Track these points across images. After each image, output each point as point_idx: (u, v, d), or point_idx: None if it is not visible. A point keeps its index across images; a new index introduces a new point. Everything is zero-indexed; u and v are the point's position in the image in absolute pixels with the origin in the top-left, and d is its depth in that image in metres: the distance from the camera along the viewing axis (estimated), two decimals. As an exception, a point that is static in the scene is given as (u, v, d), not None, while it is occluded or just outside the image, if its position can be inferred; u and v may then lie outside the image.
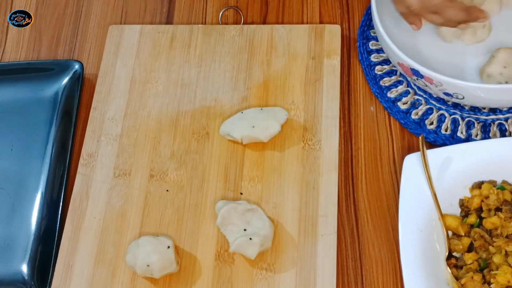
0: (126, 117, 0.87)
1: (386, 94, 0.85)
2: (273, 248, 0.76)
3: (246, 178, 0.81)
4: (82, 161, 0.85)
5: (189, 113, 0.87)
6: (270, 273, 0.75)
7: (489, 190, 0.75)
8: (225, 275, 0.76)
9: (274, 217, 0.78)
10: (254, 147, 0.83)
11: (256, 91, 0.87)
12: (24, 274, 0.79)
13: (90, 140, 0.86)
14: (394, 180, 0.81)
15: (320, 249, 0.76)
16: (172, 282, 0.76)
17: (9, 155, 0.87)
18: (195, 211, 0.80)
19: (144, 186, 0.82)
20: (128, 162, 0.84)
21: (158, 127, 0.86)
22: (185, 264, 0.77)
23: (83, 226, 0.80)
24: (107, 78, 0.90)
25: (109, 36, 0.93)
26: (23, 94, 0.91)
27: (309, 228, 0.77)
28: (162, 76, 0.90)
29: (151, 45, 0.92)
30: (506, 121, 0.82)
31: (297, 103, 0.85)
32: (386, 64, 0.87)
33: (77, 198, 0.82)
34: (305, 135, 0.83)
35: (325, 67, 0.87)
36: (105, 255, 0.78)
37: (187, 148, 0.84)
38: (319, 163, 0.81)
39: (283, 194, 0.80)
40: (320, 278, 0.74)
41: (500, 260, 0.71)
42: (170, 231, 0.79)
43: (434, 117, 0.83)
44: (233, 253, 0.77)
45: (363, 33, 0.90)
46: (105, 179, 0.83)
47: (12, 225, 0.82)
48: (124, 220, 0.80)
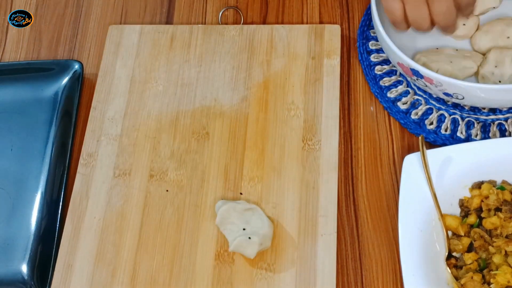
0: (126, 117, 0.87)
1: (386, 94, 0.85)
2: (272, 248, 0.76)
3: (246, 178, 0.81)
4: (82, 161, 0.85)
5: (189, 113, 0.87)
6: (270, 273, 0.75)
7: (489, 190, 0.75)
8: (225, 275, 0.76)
9: (274, 217, 0.78)
10: (253, 148, 0.83)
11: (256, 91, 0.87)
12: (24, 274, 0.79)
13: (90, 140, 0.86)
14: (394, 180, 0.81)
15: (320, 249, 0.76)
16: (172, 281, 0.76)
17: (9, 155, 0.87)
18: (195, 211, 0.80)
19: (144, 186, 0.82)
20: (128, 162, 0.84)
21: (158, 127, 0.86)
22: (184, 264, 0.77)
23: (83, 226, 0.80)
24: (107, 78, 0.90)
25: (109, 36, 0.93)
26: (23, 94, 0.91)
27: (309, 228, 0.77)
28: (162, 76, 0.90)
29: (151, 45, 0.92)
30: (506, 121, 0.82)
31: (297, 103, 0.85)
32: (386, 64, 0.87)
33: (77, 198, 0.82)
34: (305, 135, 0.83)
35: (325, 67, 0.87)
36: (105, 255, 0.78)
37: (187, 148, 0.84)
38: (319, 163, 0.81)
39: (283, 194, 0.80)
40: (320, 278, 0.74)
41: (500, 260, 0.71)
42: (170, 231, 0.79)
43: (434, 117, 0.83)
44: (233, 253, 0.77)
45: (363, 33, 0.90)
46: (105, 179, 0.83)
47: (12, 225, 0.82)
48: (124, 220, 0.80)
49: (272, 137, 0.83)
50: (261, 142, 0.83)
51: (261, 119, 0.85)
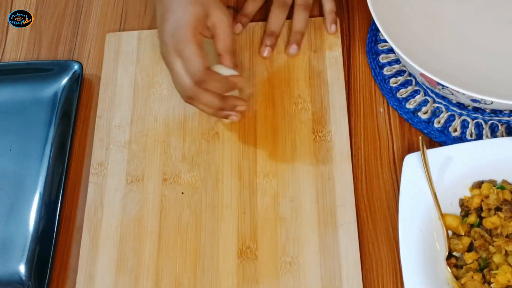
0: (133, 123, 0.87)
1: (405, 105, 0.84)
2: (295, 240, 0.77)
3: (260, 175, 0.81)
4: (92, 171, 0.84)
5: (196, 115, 0.86)
6: (294, 266, 0.76)
7: (489, 190, 0.75)
8: (249, 272, 0.76)
9: (292, 211, 0.79)
10: (265, 144, 0.83)
11: (262, 88, 0.87)
12: (22, 274, 0.78)
13: (99, 149, 0.85)
14: (394, 180, 0.81)
15: (341, 238, 0.76)
16: (196, 283, 0.76)
17: (7, 155, 0.86)
18: (212, 211, 0.80)
19: (158, 191, 0.82)
20: (140, 167, 0.84)
21: (166, 131, 0.86)
22: (207, 265, 0.77)
23: (100, 235, 0.80)
24: (109, 86, 0.90)
25: (107, 44, 0.93)
26: (22, 94, 0.90)
27: (328, 218, 0.78)
28: (165, 80, 0.89)
29: (150, 50, 0.92)
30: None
31: (304, 97, 0.86)
32: (400, 76, 0.87)
33: (91, 207, 0.82)
34: (315, 127, 0.83)
35: (328, 58, 0.88)
36: (126, 262, 0.78)
37: (197, 149, 0.84)
38: (331, 154, 0.81)
39: (299, 187, 0.80)
40: (345, 267, 0.75)
41: (500, 260, 0.71)
42: (189, 233, 0.79)
43: (457, 124, 0.82)
44: (256, 249, 0.77)
45: (371, 49, 0.89)
46: (118, 186, 0.83)
47: (10, 225, 0.81)
48: (142, 226, 0.80)
49: (282, 131, 0.84)
50: (272, 138, 0.83)
51: (269, 115, 0.85)
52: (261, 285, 0.75)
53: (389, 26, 0.79)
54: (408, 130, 0.84)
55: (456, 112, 0.84)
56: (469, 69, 0.81)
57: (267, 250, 0.77)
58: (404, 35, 0.82)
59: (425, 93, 0.86)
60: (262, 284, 0.75)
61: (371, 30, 0.91)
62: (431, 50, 0.83)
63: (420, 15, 0.85)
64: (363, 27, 0.92)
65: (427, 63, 0.77)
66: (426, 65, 0.75)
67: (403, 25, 0.84)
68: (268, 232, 0.78)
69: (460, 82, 0.74)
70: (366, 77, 0.88)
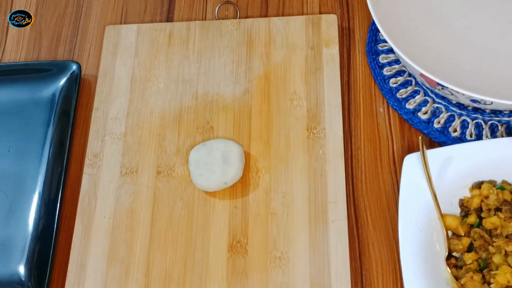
0: (129, 116, 0.87)
1: (405, 106, 0.85)
2: (285, 236, 0.77)
3: (253, 169, 0.82)
4: (87, 162, 0.85)
5: (192, 109, 0.87)
6: (284, 261, 0.76)
7: (489, 190, 0.75)
8: (239, 266, 0.76)
9: (284, 206, 0.79)
10: (259, 139, 0.83)
11: (258, 83, 0.88)
12: (21, 275, 0.79)
13: (94, 140, 0.86)
14: (394, 180, 0.81)
15: (331, 235, 0.76)
16: (186, 275, 0.77)
17: (6, 156, 0.87)
18: (204, 204, 0.81)
19: (152, 183, 0.82)
20: (134, 160, 0.84)
21: (162, 124, 0.86)
22: (198, 257, 0.77)
23: (93, 226, 0.80)
24: (107, 78, 0.90)
25: (106, 37, 0.93)
26: (21, 95, 0.91)
27: (320, 214, 0.78)
28: (163, 73, 0.90)
29: (149, 43, 0.92)
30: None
31: (299, 93, 0.86)
32: (400, 76, 0.87)
33: (85, 198, 0.82)
34: (309, 124, 0.84)
35: (324, 56, 0.88)
36: (117, 253, 0.79)
37: (192, 143, 0.85)
38: (325, 151, 0.82)
39: (291, 183, 0.80)
40: (333, 263, 0.75)
41: (500, 260, 0.71)
42: (181, 225, 0.79)
43: (457, 124, 0.83)
44: (246, 244, 0.77)
45: (371, 49, 0.90)
46: (112, 178, 0.83)
47: (10, 225, 0.82)
48: (134, 218, 0.81)
49: (276, 127, 0.84)
50: (266, 133, 0.83)
51: (264, 110, 0.86)
52: (250, 279, 0.75)
53: (389, 26, 0.79)
54: (408, 130, 0.84)
55: (456, 112, 0.84)
56: (469, 69, 0.81)
57: (258, 244, 0.77)
58: (404, 35, 0.82)
59: (425, 93, 0.86)
60: (251, 278, 0.75)
61: (371, 30, 0.91)
62: (431, 50, 0.83)
63: (420, 15, 0.85)
64: (363, 27, 0.92)
65: (427, 63, 0.77)
66: (426, 65, 0.76)
67: (403, 25, 0.84)
68: (259, 227, 0.78)
69: (460, 82, 0.74)
70: (366, 77, 0.89)
